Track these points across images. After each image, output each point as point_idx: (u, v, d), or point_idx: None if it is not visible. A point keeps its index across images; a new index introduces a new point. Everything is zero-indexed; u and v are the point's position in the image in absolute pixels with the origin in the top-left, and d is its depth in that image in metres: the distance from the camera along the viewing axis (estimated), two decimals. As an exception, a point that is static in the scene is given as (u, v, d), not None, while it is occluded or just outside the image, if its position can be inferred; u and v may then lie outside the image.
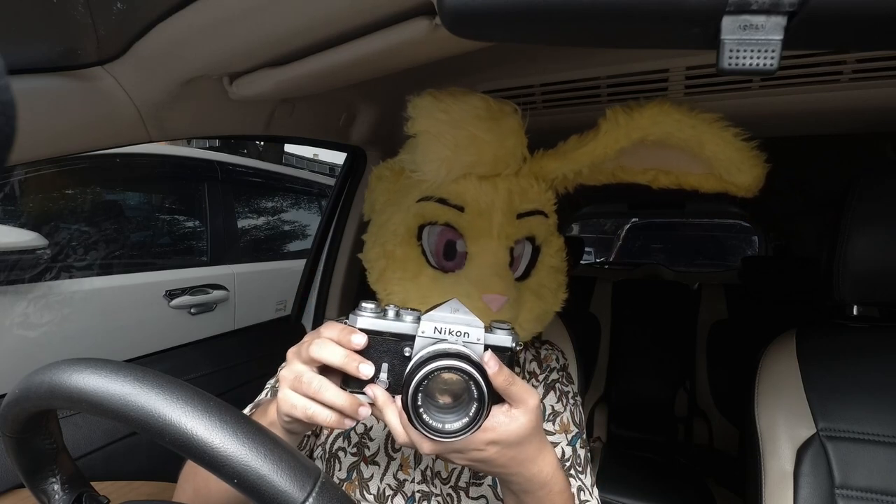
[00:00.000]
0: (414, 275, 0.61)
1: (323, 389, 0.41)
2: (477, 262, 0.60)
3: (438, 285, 0.60)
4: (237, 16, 0.48)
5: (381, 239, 0.64)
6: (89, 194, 1.97)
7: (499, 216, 0.60)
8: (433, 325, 0.41)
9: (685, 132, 0.56)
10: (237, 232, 2.57)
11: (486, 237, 0.60)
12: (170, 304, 1.99)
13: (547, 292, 0.64)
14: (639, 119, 0.56)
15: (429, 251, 0.62)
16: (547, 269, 0.64)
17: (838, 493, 0.66)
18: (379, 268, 0.63)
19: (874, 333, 0.74)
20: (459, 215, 0.60)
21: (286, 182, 3.07)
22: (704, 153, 0.56)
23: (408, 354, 0.42)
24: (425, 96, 0.59)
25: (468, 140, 0.57)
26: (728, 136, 0.55)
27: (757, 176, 0.57)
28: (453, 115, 0.57)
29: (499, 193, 0.60)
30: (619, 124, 0.57)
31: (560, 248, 0.66)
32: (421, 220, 0.61)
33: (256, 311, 2.35)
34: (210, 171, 2.43)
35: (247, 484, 0.28)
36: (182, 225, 2.35)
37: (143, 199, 2.25)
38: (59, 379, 0.30)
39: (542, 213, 0.63)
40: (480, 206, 0.60)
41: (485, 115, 0.58)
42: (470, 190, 0.60)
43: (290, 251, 2.96)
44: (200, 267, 2.24)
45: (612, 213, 3.67)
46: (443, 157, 0.58)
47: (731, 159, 0.56)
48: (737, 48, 0.27)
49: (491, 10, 0.29)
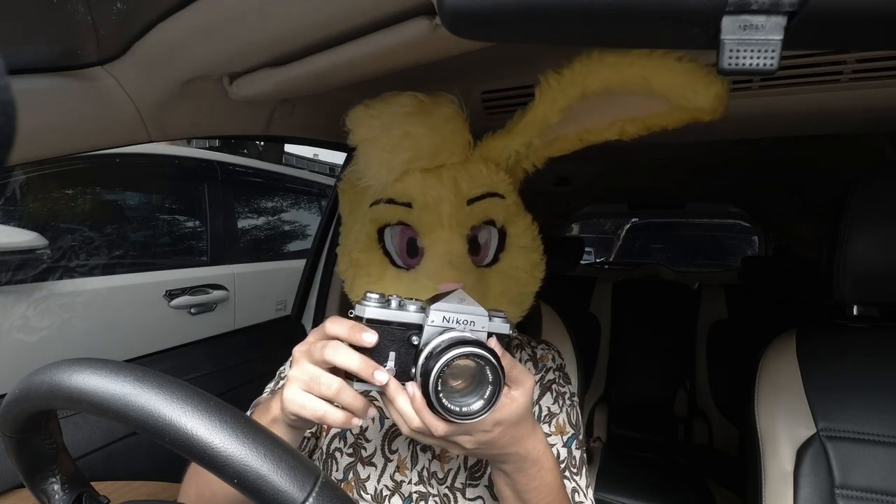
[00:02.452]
0: (378, 277, 0.62)
1: (341, 392, 0.42)
2: (430, 254, 0.60)
3: (400, 283, 0.61)
4: (237, 16, 0.48)
5: (346, 249, 0.65)
6: (89, 194, 1.97)
7: (447, 206, 0.60)
8: (442, 315, 0.42)
9: (625, 73, 0.53)
10: (237, 232, 2.57)
11: (436, 229, 0.60)
12: (170, 304, 1.99)
13: (520, 273, 0.64)
14: (570, 74, 0.55)
15: (394, 252, 0.63)
16: (517, 249, 0.64)
17: (838, 493, 0.66)
18: (349, 276, 0.65)
19: (874, 333, 0.74)
20: (409, 212, 0.60)
21: (286, 182, 3.07)
22: (654, 88, 0.54)
23: (415, 343, 0.43)
24: (358, 108, 0.60)
25: (402, 137, 0.58)
26: (671, 63, 0.52)
27: (717, 93, 0.53)
28: (384, 119, 0.58)
29: (444, 183, 0.60)
30: (552, 85, 0.57)
31: (528, 227, 0.66)
32: (377, 224, 0.63)
33: (256, 311, 2.35)
34: (210, 171, 2.43)
35: (247, 484, 0.28)
36: (182, 225, 2.35)
37: (144, 200, 2.25)
38: (59, 379, 0.30)
39: (496, 194, 0.62)
40: (427, 199, 0.60)
41: (414, 110, 0.58)
42: (414, 185, 0.60)
43: (290, 251, 2.96)
44: (200, 267, 2.24)
45: (612, 213, 3.67)
46: (381, 159, 0.59)
47: (684, 84, 0.53)
48: (737, 48, 0.27)
49: (491, 9, 0.29)
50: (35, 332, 1.58)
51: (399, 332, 0.43)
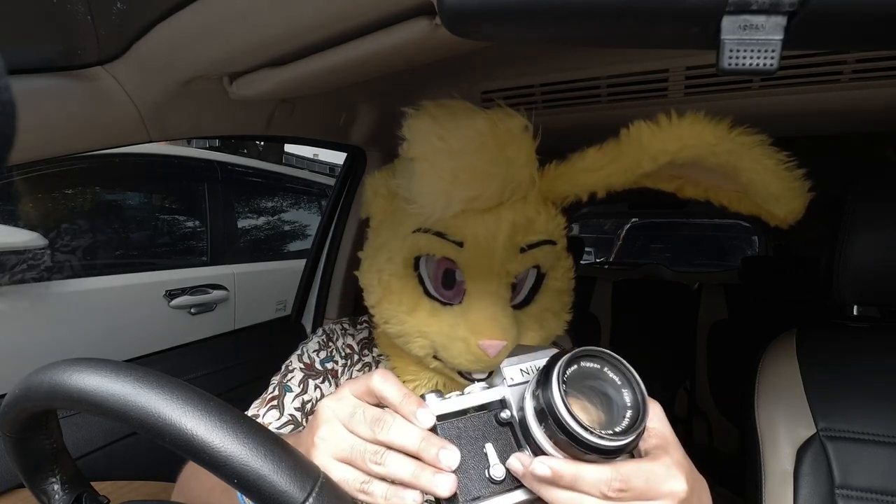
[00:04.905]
0: (411, 308, 0.58)
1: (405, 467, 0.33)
2: (475, 302, 0.55)
3: (435, 321, 0.57)
4: (237, 16, 0.48)
5: (376, 265, 0.60)
6: (89, 194, 1.97)
7: (500, 252, 0.54)
8: (518, 368, 0.36)
9: (720, 158, 0.49)
10: (237, 232, 2.57)
11: (485, 275, 0.55)
12: (170, 304, 1.99)
13: (550, 317, 0.60)
14: (667, 141, 0.49)
15: (427, 277, 0.59)
16: (552, 292, 0.60)
17: (838, 493, 0.66)
18: (376, 295, 0.60)
19: (874, 333, 0.74)
20: (458, 251, 0.55)
21: (286, 182, 3.07)
22: (740, 179, 0.50)
23: (506, 419, 0.34)
24: (422, 116, 0.52)
25: (469, 173, 0.50)
26: (769, 165, 0.49)
27: (796, 209, 0.50)
28: (451, 144, 0.50)
29: (501, 227, 0.54)
30: (644, 145, 0.49)
31: (567, 269, 0.62)
32: (416, 252, 0.57)
33: (256, 311, 2.35)
34: (210, 171, 2.43)
35: (247, 484, 0.28)
36: (182, 225, 2.35)
37: (143, 199, 2.25)
38: (59, 379, 0.30)
39: (551, 241, 0.58)
40: (480, 241, 0.54)
41: (490, 143, 0.51)
42: (470, 224, 0.54)
43: (290, 251, 2.96)
44: (200, 267, 2.24)
45: (612, 213, 3.67)
46: (439, 189, 0.51)
47: (770, 190, 0.50)
48: (737, 48, 0.27)
49: (491, 9, 0.29)
50: (35, 332, 1.58)
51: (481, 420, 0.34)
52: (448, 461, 0.32)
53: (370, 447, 0.34)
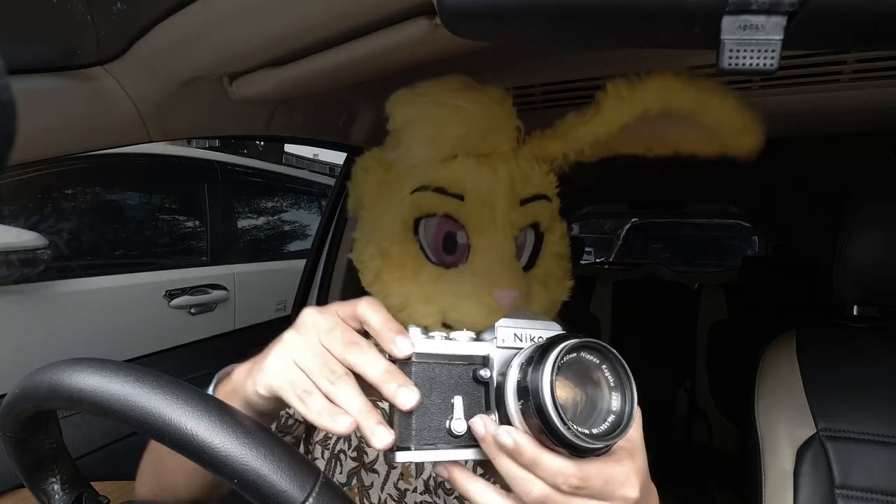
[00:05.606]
0: (414, 273, 0.57)
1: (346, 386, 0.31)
2: (482, 255, 0.56)
3: (441, 283, 0.56)
4: (237, 16, 0.48)
5: (374, 237, 0.59)
6: (89, 194, 1.97)
7: (503, 203, 0.56)
8: (512, 332, 0.33)
9: (688, 103, 0.53)
10: (237, 232, 2.57)
11: (490, 228, 0.56)
12: (170, 304, 1.99)
13: (553, 281, 0.61)
14: (642, 92, 0.53)
15: (426, 245, 0.58)
16: (551, 256, 0.61)
17: (838, 493, 0.66)
18: (374, 268, 0.59)
19: (874, 333, 0.74)
20: (460, 205, 0.56)
21: (286, 182, 3.07)
22: (707, 120, 0.54)
23: (484, 378, 0.32)
24: (400, 90, 0.57)
25: (452, 111, 0.54)
26: (731, 102, 0.54)
27: (758, 138, 0.55)
28: (431, 95, 0.55)
29: (500, 179, 0.56)
30: (623, 98, 0.54)
31: (563, 234, 0.63)
32: (418, 213, 0.57)
33: (256, 311, 2.35)
34: (210, 171, 2.43)
35: (247, 483, 0.28)
36: (182, 225, 2.35)
37: (143, 199, 2.25)
38: (59, 379, 0.30)
39: (546, 197, 0.60)
40: (482, 193, 0.56)
41: (466, 91, 0.55)
42: (469, 176, 0.56)
43: (290, 251, 2.96)
44: (200, 267, 2.24)
45: (612, 213, 3.67)
46: (428, 135, 0.55)
47: (735, 124, 0.54)
48: (737, 48, 0.27)
49: (491, 9, 0.29)
50: (35, 332, 1.58)
51: (458, 370, 0.32)
52: (405, 399, 0.30)
53: (333, 364, 0.32)
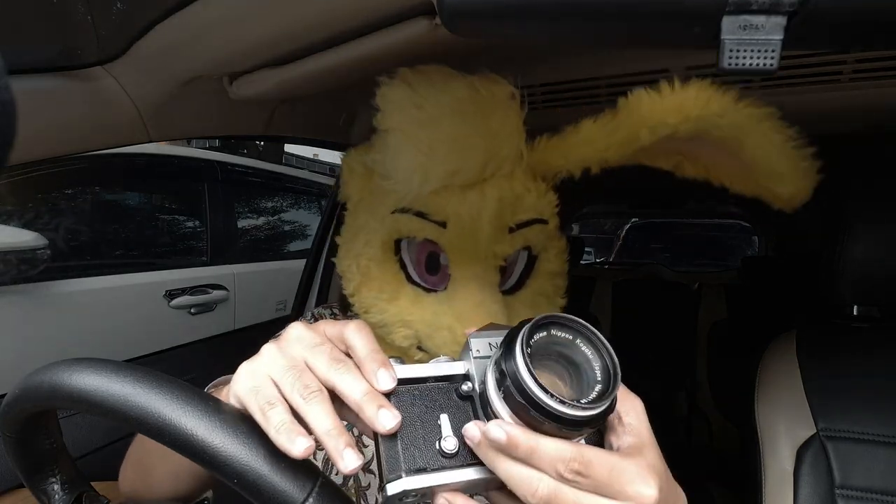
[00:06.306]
0: (392, 296, 0.54)
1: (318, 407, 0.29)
2: (461, 288, 0.51)
3: (419, 309, 0.53)
4: (237, 16, 0.48)
5: (354, 249, 0.56)
6: (89, 194, 1.97)
7: (487, 231, 0.50)
8: (486, 342, 0.33)
9: (724, 131, 0.44)
10: (237, 232, 2.57)
11: (471, 259, 0.51)
12: (170, 304, 1.99)
13: (543, 301, 0.57)
14: (668, 113, 0.43)
15: (409, 261, 0.55)
16: (545, 274, 0.57)
17: (838, 493, 0.66)
18: (354, 282, 0.56)
19: (874, 333, 0.74)
20: (441, 232, 0.51)
21: (286, 182, 3.07)
22: (744, 156, 0.46)
23: (467, 391, 0.32)
24: (396, 84, 0.48)
25: (448, 143, 0.46)
26: (777, 141, 0.44)
27: (803, 190, 0.47)
28: (429, 112, 0.46)
29: (487, 204, 0.49)
30: (643, 116, 0.44)
31: (561, 251, 0.59)
32: (397, 235, 0.53)
33: (256, 311, 2.35)
34: (210, 171, 2.42)
35: (247, 483, 0.28)
36: (182, 225, 2.35)
37: (143, 199, 2.25)
38: (59, 379, 0.30)
39: (541, 220, 0.54)
40: (464, 221, 0.50)
41: (471, 111, 0.46)
42: (453, 201, 0.50)
43: (290, 251, 2.95)
44: (200, 267, 2.24)
45: (612, 213, 3.67)
46: (416, 163, 0.47)
47: (775, 168, 0.45)
48: (737, 48, 0.27)
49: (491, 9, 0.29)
50: (35, 332, 1.58)
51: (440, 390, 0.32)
52: (385, 420, 0.29)
53: (308, 379, 0.30)
